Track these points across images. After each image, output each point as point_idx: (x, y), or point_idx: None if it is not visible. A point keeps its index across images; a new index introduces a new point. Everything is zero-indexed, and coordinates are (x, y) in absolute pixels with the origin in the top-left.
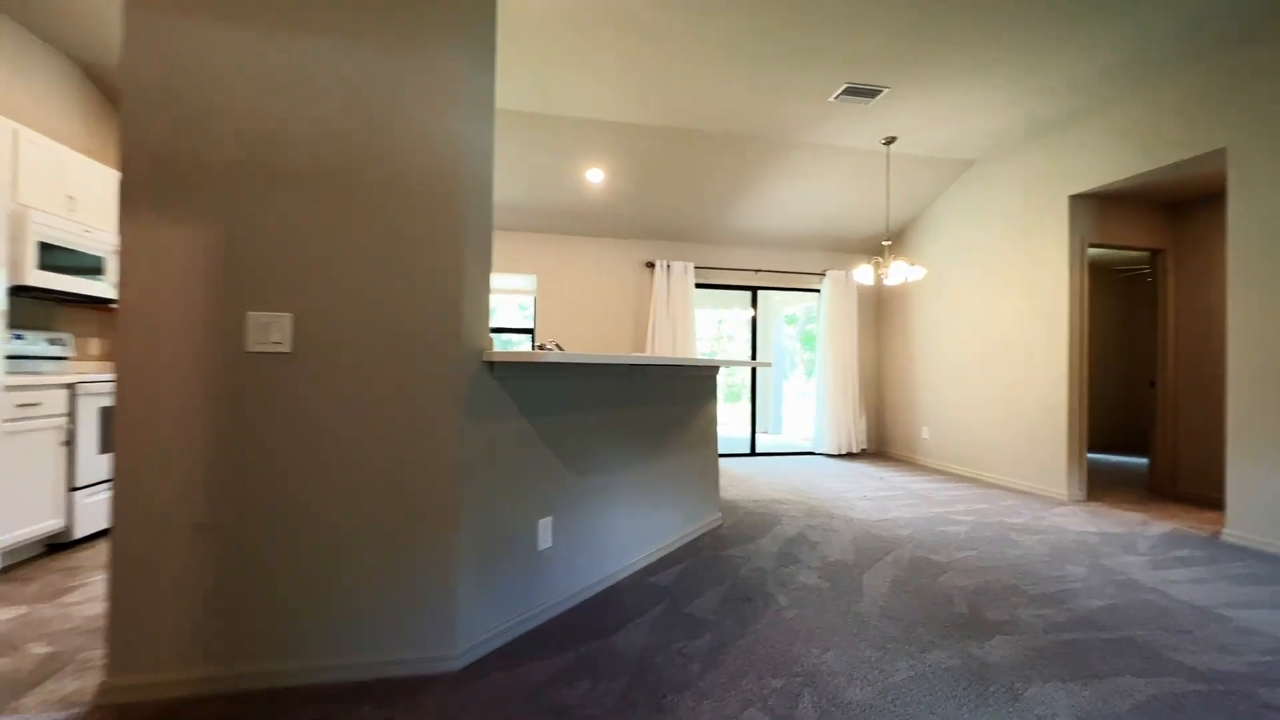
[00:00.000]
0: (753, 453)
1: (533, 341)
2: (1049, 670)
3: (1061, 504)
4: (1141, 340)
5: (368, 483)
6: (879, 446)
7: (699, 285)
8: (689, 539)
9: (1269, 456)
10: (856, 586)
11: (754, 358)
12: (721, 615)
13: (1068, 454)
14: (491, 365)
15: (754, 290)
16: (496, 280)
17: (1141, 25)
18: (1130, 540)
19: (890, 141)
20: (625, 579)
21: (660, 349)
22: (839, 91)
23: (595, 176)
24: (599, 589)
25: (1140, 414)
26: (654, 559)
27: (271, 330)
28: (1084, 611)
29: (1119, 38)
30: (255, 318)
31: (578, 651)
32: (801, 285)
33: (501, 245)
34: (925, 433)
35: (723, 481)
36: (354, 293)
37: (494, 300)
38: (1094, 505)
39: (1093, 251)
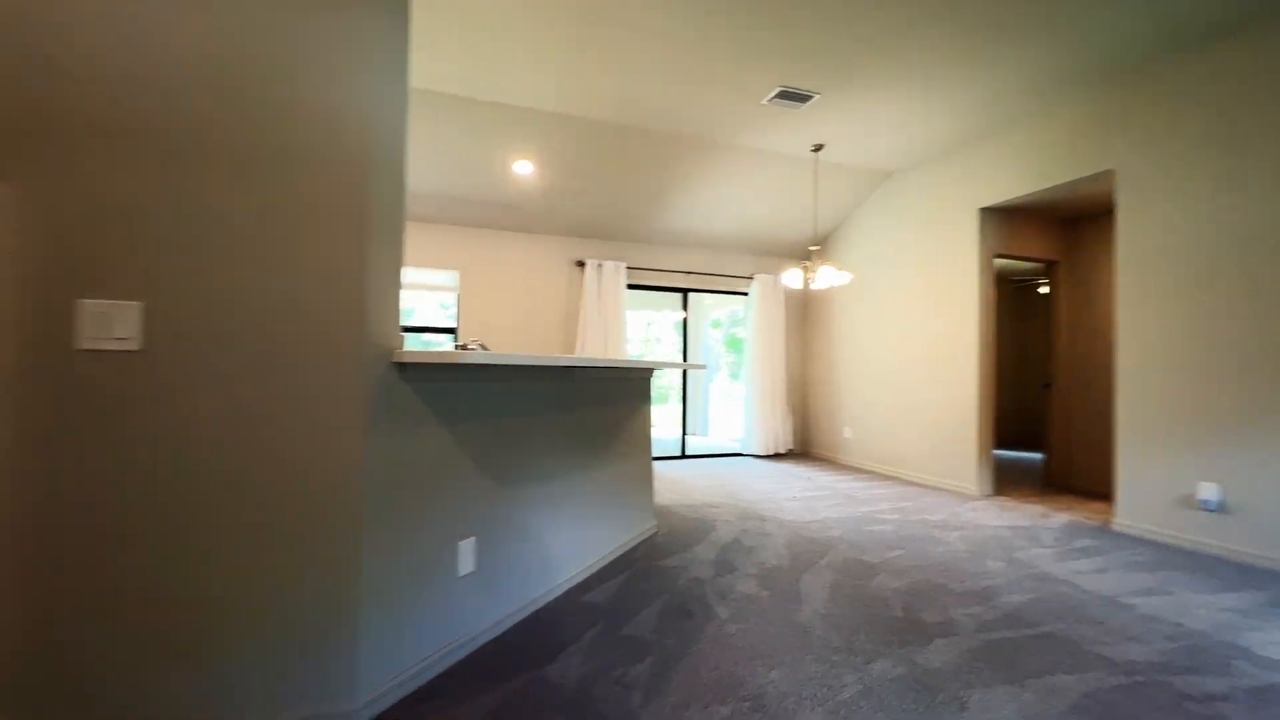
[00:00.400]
0: (683, 455)
1: (455, 342)
2: (988, 674)
3: (973, 499)
4: (1032, 345)
5: (244, 509)
6: (804, 447)
7: (630, 286)
8: (625, 550)
9: (1152, 452)
10: (795, 593)
11: (685, 360)
12: (662, 634)
13: (977, 453)
14: (403, 367)
15: (685, 292)
16: (413, 275)
17: (1042, 50)
18: (1036, 533)
19: (818, 149)
20: (559, 599)
21: (591, 350)
22: (773, 94)
23: (524, 169)
24: (530, 611)
25: (1033, 414)
26: (589, 574)
27: (113, 322)
28: (1008, 607)
29: (1023, 59)
30: (88, 307)
31: (506, 688)
32: (731, 288)
33: (421, 238)
34: (847, 433)
35: (656, 486)
36: (230, 280)
37: (412, 297)
38: (1001, 500)
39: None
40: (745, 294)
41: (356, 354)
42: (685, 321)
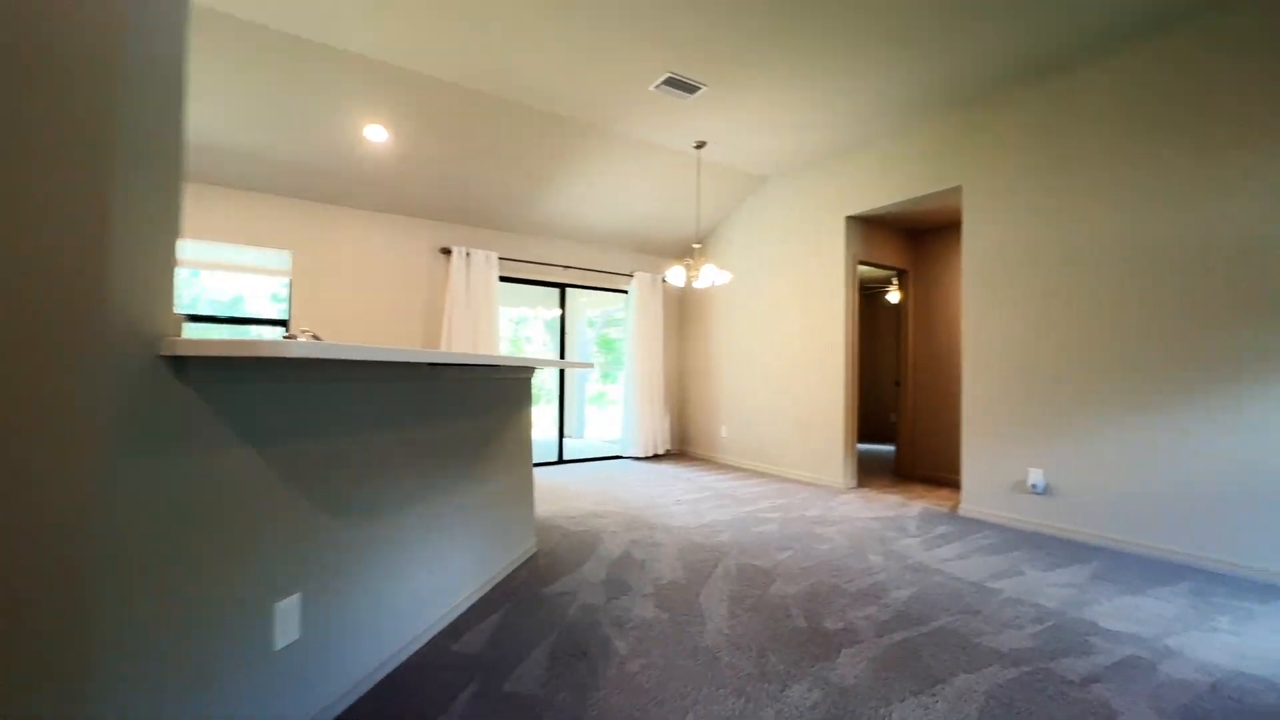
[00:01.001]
0: (560, 460)
1: (286, 335)
2: (899, 684)
3: (841, 493)
4: (879, 347)
5: None
6: (682, 446)
7: (503, 279)
8: (503, 576)
9: (991, 444)
10: (696, 612)
11: (563, 360)
12: (554, 686)
13: (844, 448)
14: (180, 363)
15: (562, 288)
16: (231, 253)
17: (908, 70)
18: (901, 523)
19: (701, 146)
20: (423, 650)
21: (458, 349)
22: (661, 80)
23: (377, 135)
24: (384, 674)
25: (882, 410)
26: (460, 613)
27: None
28: (898, 604)
29: (891, 78)
30: None
31: None
32: (610, 285)
33: (241, 208)
34: (724, 432)
35: (535, 496)
36: None
37: (235, 282)
38: (864, 491)
39: None
40: (625, 291)
41: (94, 342)
42: (563, 319)
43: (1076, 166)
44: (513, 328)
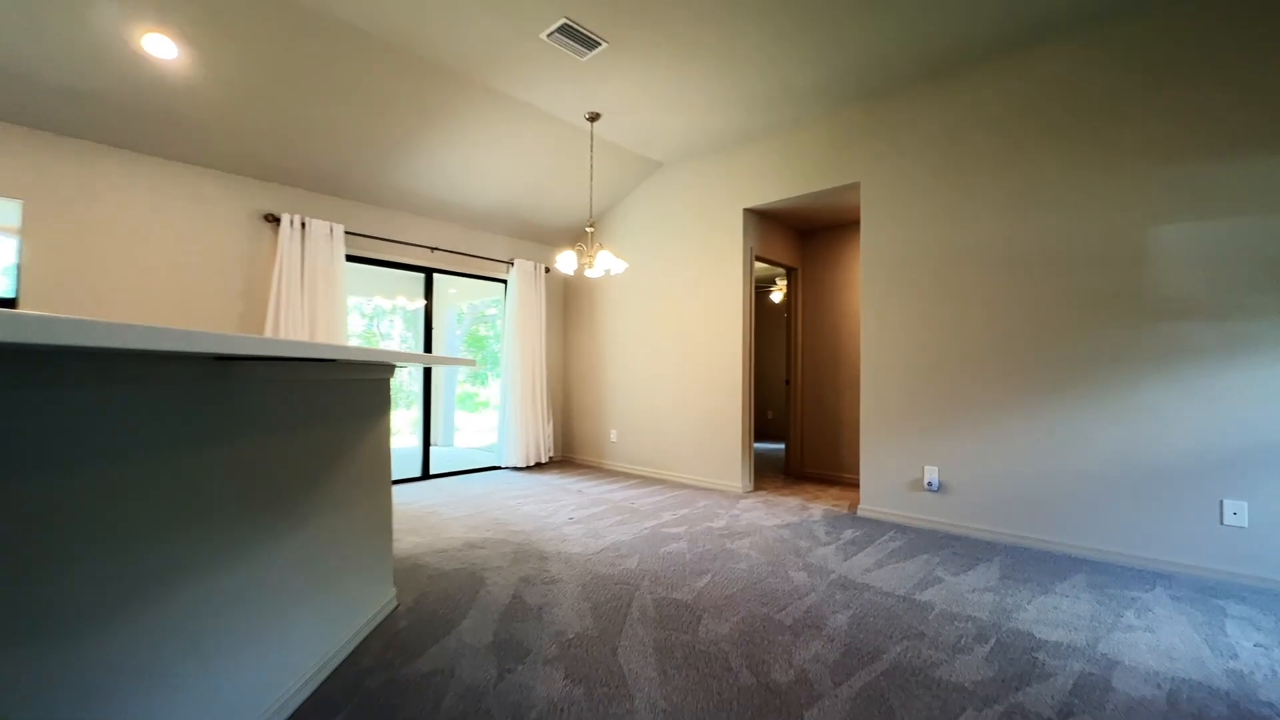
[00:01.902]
0: (426, 475)
1: None
2: None
3: (740, 497)
4: (765, 346)
5: None
6: (566, 453)
7: (352, 259)
8: (344, 657)
9: (889, 443)
10: (618, 678)
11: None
12: None
13: (742, 450)
14: None
15: (429, 273)
16: None
17: (808, 60)
18: (809, 529)
19: (594, 118)
20: None
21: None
22: (555, 27)
23: (162, 50)
24: None
25: (770, 409)
26: None
27: None
28: (841, 634)
29: (793, 68)
30: None
31: None
32: (485, 273)
33: None
34: (614, 436)
35: (395, 526)
36: None
37: None
38: (763, 495)
39: None
40: (503, 281)
41: None
42: (428, 310)
43: (968, 168)
44: (366, 322)
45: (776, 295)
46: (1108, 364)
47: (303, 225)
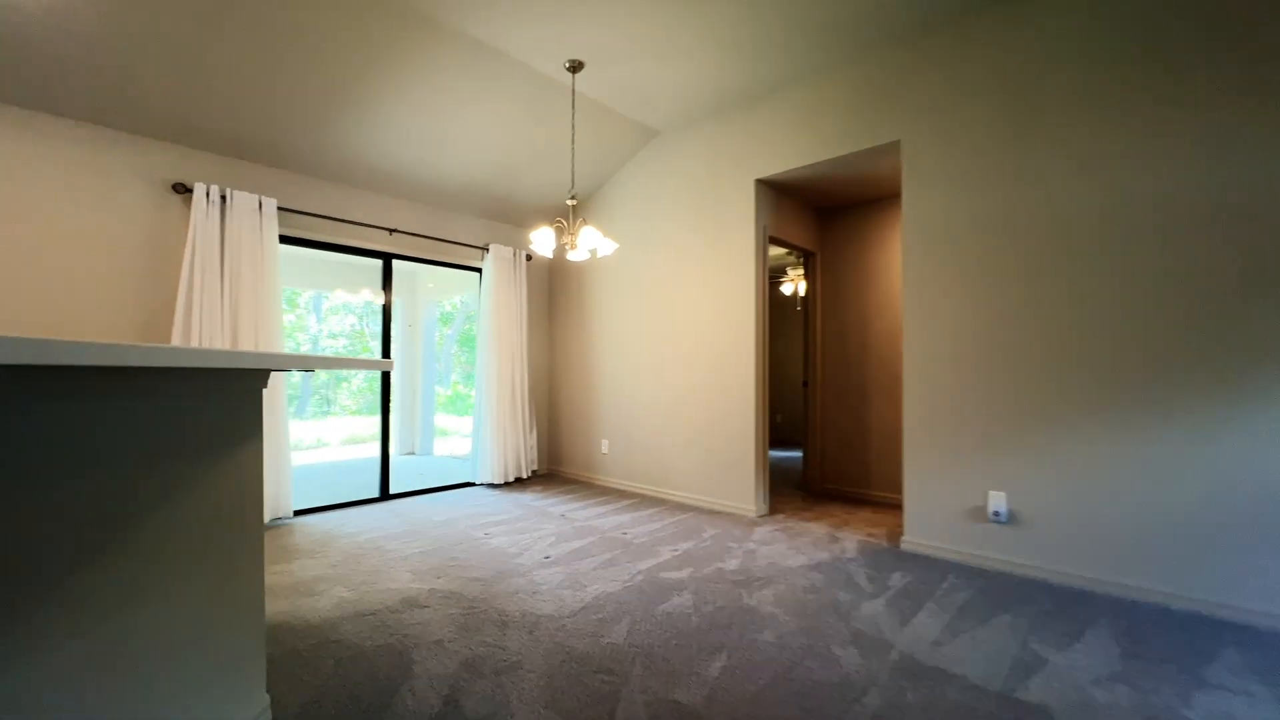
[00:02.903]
0: (385, 495)
1: None
2: None
3: (755, 522)
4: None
5: None
6: (552, 465)
7: (288, 240)
8: None
9: (940, 460)
10: None
11: (385, 357)
12: None
13: (755, 464)
14: None
15: (387, 259)
16: None
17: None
18: (846, 573)
19: (577, 68)
20: None
21: (211, 341)
22: None
23: None
24: None
25: (774, 410)
26: None
27: None
28: None
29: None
30: None
31: None
32: (456, 260)
33: None
34: (605, 447)
35: (322, 564)
36: None
37: None
38: (781, 520)
39: None
40: (477, 269)
41: None
42: (387, 307)
43: (1041, 116)
44: (314, 319)
45: (787, 286)
46: (1248, 363)
47: (223, 198)
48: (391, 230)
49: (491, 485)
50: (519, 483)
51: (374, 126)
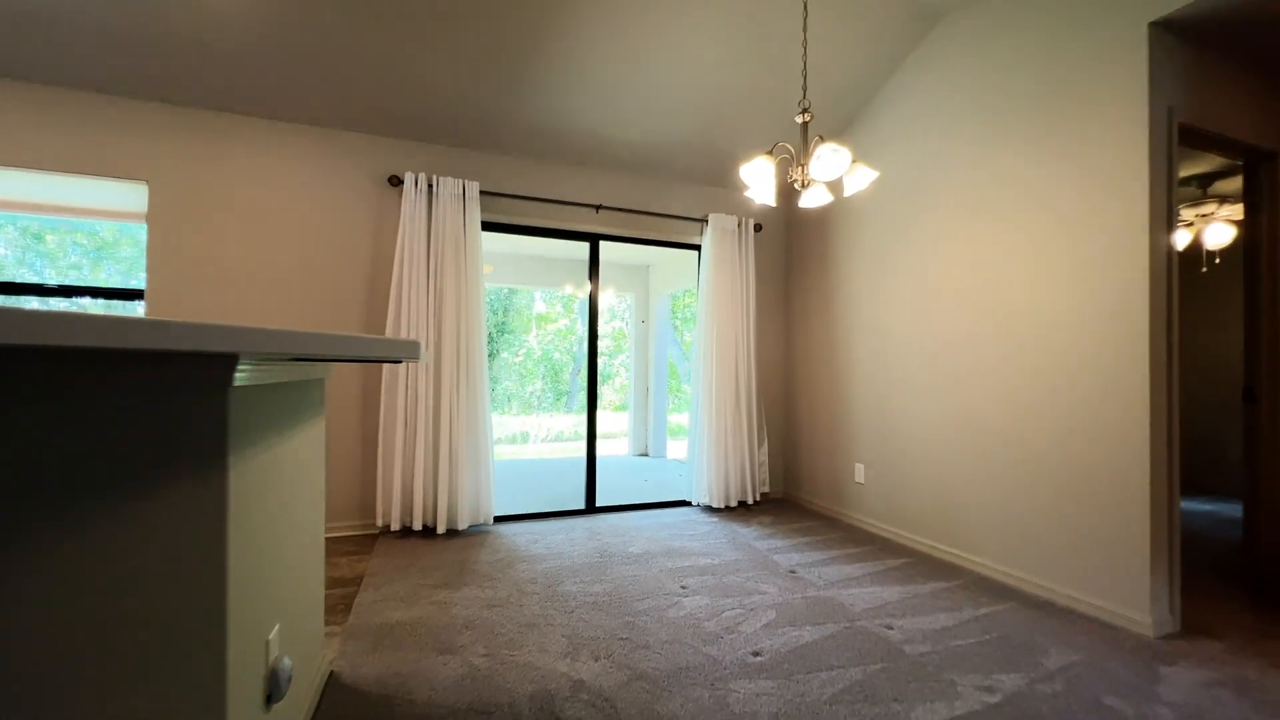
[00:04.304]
0: (590, 507)
1: (144, 311)
2: None
3: (1153, 651)
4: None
5: None
6: (789, 489)
7: (490, 227)
8: None
9: None
10: None
11: (592, 353)
12: None
13: (1150, 534)
14: None
15: (594, 241)
16: (33, 185)
17: None
18: None
19: None
20: None
21: (416, 334)
22: None
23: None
24: None
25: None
26: None
27: None
28: None
29: None
30: None
31: None
32: (671, 237)
33: (54, 112)
34: (860, 474)
35: (485, 598)
36: None
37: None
38: (1213, 650)
39: None
40: (695, 246)
41: None
42: (593, 297)
43: None
44: (581, 323)
45: (1217, 230)
46: None
47: (429, 186)
48: (598, 207)
49: (709, 509)
50: (742, 509)
51: (567, 76)
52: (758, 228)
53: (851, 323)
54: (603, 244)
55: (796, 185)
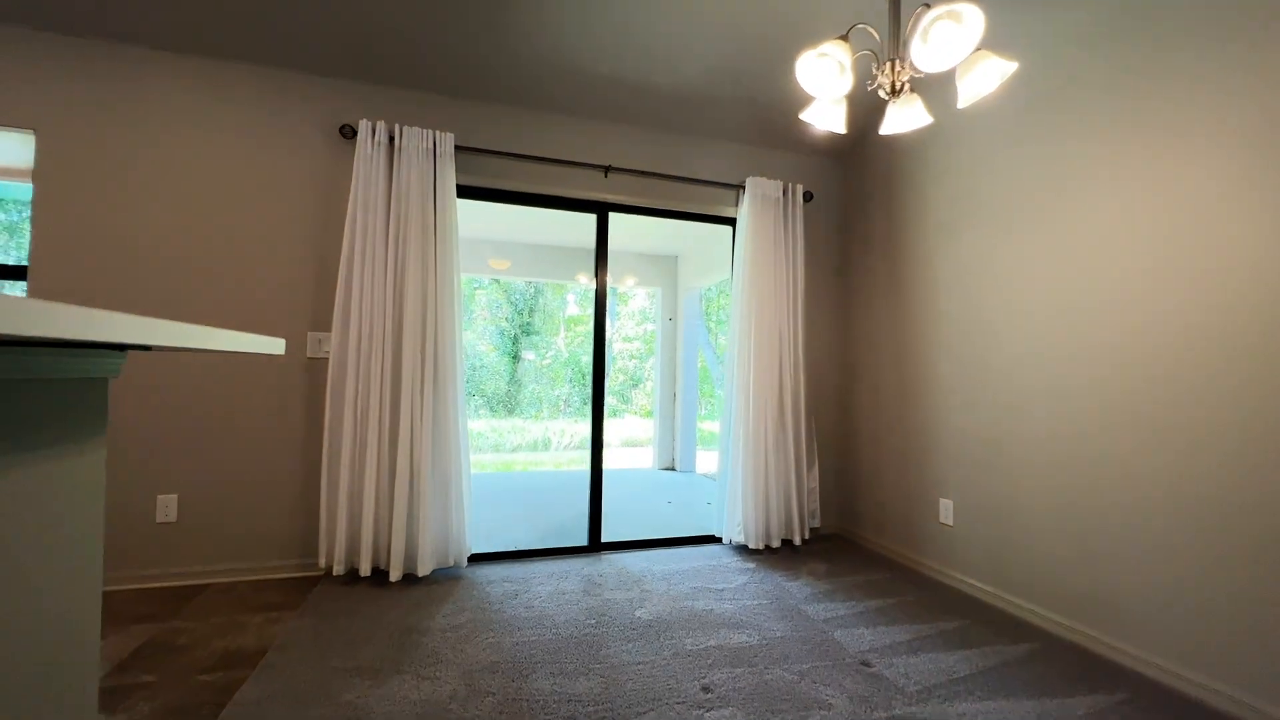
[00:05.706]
0: (594, 544)
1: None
2: None
3: None
4: None
5: None
6: (842, 523)
7: (469, 191)
8: None
9: None
10: None
11: (598, 352)
12: None
13: None
14: None
15: (602, 211)
16: None
17: None
18: None
19: None
20: None
21: (371, 323)
22: None
23: None
24: None
25: None
26: None
27: None
28: None
29: None
30: None
31: None
32: (698, 207)
33: None
34: (946, 512)
35: (424, 693)
36: None
37: None
38: None
39: None
40: (730, 221)
41: None
42: (602, 289)
43: None
44: (609, 321)
45: None
46: None
47: (391, 138)
48: (607, 169)
49: (744, 549)
50: (788, 550)
51: (574, 20)
52: (808, 196)
53: (928, 316)
54: (615, 218)
55: (882, 92)
